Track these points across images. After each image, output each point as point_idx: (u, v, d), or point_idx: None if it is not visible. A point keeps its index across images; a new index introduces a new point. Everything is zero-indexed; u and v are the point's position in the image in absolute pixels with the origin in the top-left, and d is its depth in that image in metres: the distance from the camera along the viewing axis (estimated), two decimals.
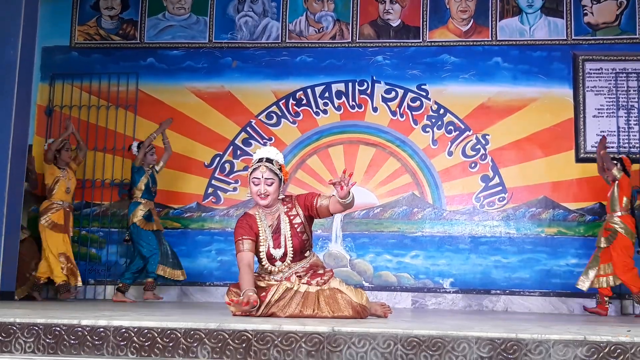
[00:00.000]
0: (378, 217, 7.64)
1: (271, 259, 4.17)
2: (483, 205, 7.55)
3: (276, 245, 4.17)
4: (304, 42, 8.05)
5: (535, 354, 2.79)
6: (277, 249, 4.16)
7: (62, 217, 6.96)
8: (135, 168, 7.16)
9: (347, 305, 3.94)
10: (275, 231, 4.20)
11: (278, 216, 4.22)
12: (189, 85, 8.00)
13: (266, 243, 4.17)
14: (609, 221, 6.75)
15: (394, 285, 7.48)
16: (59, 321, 3.02)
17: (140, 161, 7.12)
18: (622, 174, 6.77)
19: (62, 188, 7.00)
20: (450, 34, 7.91)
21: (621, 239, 6.64)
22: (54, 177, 7.01)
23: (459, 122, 7.73)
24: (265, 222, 4.21)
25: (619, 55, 7.62)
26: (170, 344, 2.93)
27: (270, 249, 4.16)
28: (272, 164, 4.18)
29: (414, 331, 2.86)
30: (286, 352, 2.87)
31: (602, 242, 6.72)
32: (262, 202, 4.18)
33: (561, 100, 7.59)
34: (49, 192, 6.99)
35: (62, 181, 7.01)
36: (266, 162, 4.18)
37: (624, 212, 6.71)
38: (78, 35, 8.22)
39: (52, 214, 6.92)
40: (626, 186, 6.77)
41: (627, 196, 6.73)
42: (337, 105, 7.88)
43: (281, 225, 4.20)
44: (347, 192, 3.93)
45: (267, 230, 4.18)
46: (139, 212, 7.05)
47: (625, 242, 6.65)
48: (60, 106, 7.94)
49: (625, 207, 6.71)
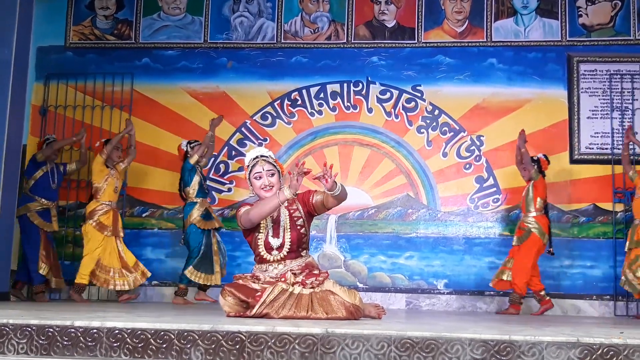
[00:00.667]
0: (372, 218, 7.64)
1: (268, 247, 4.24)
2: (477, 206, 7.56)
3: (275, 234, 4.25)
4: (299, 43, 8.04)
5: (528, 356, 2.79)
6: (275, 238, 4.24)
7: (110, 218, 6.87)
8: (190, 166, 6.95)
9: (340, 306, 3.94)
10: (275, 222, 4.28)
11: (279, 209, 4.28)
12: (184, 85, 8.00)
13: (265, 231, 4.25)
14: (524, 221, 6.81)
15: (388, 286, 7.49)
16: (52, 322, 3.02)
17: (197, 159, 7.02)
18: (540, 175, 6.83)
19: (111, 188, 6.92)
20: (445, 35, 7.92)
21: (533, 239, 6.71)
22: (104, 175, 6.90)
23: (453, 123, 7.73)
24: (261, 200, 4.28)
25: (614, 57, 7.64)
26: (163, 346, 2.93)
27: (269, 237, 4.24)
28: (267, 158, 4.32)
29: (407, 333, 2.86)
30: (280, 354, 2.87)
31: (515, 241, 6.80)
32: (268, 195, 4.25)
33: (556, 101, 7.61)
34: (97, 191, 6.89)
35: (111, 180, 6.93)
36: (262, 157, 4.31)
37: (539, 212, 6.76)
38: (73, 35, 8.20)
39: (100, 215, 6.82)
40: (541, 187, 6.82)
41: (541, 197, 6.79)
42: (332, 106, 7.88)
43: (281, 217, 4.28)
44: (332, 184, 3.99)
45: (268, 220, 4.26)
46: (196, 212, 6.90)
47: (536, 243, 6.71)
48: (55, 106, 7.92)
49: (539, 208, 6.77)
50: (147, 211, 7.72)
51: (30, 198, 6.88)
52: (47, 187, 6.97)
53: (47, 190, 6.97)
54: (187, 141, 7.18)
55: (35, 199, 6.88)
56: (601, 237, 7.33)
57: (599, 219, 7.37)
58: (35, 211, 6.86)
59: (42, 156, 6.96)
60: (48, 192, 6.97)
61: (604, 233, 7.33)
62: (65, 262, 7.57)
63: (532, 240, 6.70)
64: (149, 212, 7.72)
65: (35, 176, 6.92)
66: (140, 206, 7.76)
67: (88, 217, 6.85)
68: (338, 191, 4.05)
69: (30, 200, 6.87)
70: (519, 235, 6.80)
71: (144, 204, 7.72)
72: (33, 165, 6.97)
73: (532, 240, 6.68)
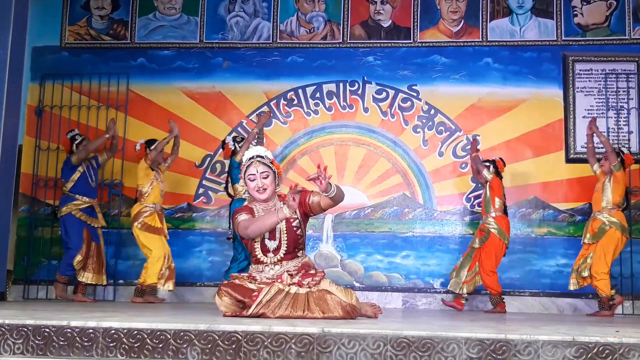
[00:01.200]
0: (369, 217, 7.65)
1: (265, 250, 4.25)
2: (473, 205, 7.57)
3: (271, 237, 4.26)
4: (295, 43, 8.04)
5: (524, 355, 2.80)
6: (271, 241, 4.25)
7: (156, 219, 6.88)
8: (237, 164, 6.89)
9: (336, 306, 3.94)
10: None
11: (275, 211, 4.26)
12: (179, 85, 7.99)
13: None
14: (484, 222, 6.86)
15: (385, 285, 7.50)
16: (48, 322, 3.02)
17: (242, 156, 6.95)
18: (493, 175, 6.88)
19: (156, 191, 6.90)
20: (441, 35, 7.93)
21: (493, 240, 6.77)
22: (149, 179, 6.88)
23: (449, 123, 7.75)
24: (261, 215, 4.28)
25: (609, 56, 7.65)
26: (159, 345, 2.93)
27: (265, 240, 4.25)
28: (263, 159, 4.33)
29: (403, 332, 2.87)
30: (276, 353, 2.88)
31: (476, 243, 6.84)
32: (261, 196, 4.29)
33: (551, 100, 7.62)
34: (142, 195, 6.87)
35: (156, 184, 6.91)
36: (257, 158, 4.31)
37: (499, 213, 6.82)
38: (68, 35, 8.19)
39: (145, 217, 6.82)
40: (497, 187, 6.87)
41: (499, 197, 6.84)
42: (328, 106, 7.89)
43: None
44: (327, 185, 4.00)
45: None
46: None
47: (497, 244, 6.77)
48: (51, 106, 7.90)
49: (499, 208, 6.83)
50: None
51: (71, 197, 6.92)
52: (87, 185, 7.00)
53: (87, 189, 7.00)
54: (232, 137, 7.16)
55: (77, 197, 6.92)
56: None
57: None
58: (79, 209, 6.90)
59: (77, 159, 6.96)
60: (88, 191, 7.00)
61: None
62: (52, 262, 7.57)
63: (492, 241, 6.77)
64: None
65: (73, 178, 6.94)
66: None
67: (133, 220, 6.86)
68: (333, 193, 4.06)
69: (72, 199, 6.92)
70: (479, 237, 6.84)
71: None
72: (69, 168, 6.99)
73: (492, 241, 6.75)
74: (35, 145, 7.81)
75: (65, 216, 6.90)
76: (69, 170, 6.99)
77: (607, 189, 6.57)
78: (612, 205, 6.54)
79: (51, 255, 7.62)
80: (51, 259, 7.61)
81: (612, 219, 6.50)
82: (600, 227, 6.52)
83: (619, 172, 6.57)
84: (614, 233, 6.49)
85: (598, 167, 6.73)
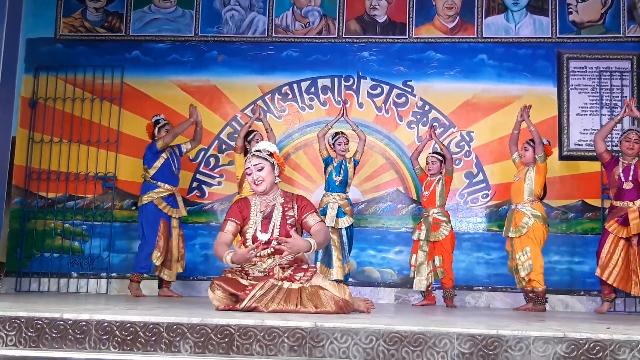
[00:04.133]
0: (362, 212, 7.66)
1: (256, 242, 4.26)
2: (467, 201, 7.59)
3: (264, 229, 4.30)
4: (290, 37, 8.04)
5: (515, 350, 2.81)
6: (263, 233, 4.29)
7: None
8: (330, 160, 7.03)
9: (329, 301, 3.95)
10: (267, 217, 4.34)
11: (274, 205, 4.37)
12: (174, 78, 7.98)
13: (255, 226, 4.31)
14: (436, 216, 6.86)
15: (378, 281, 7.51)
16: (41, 315, 3.02)
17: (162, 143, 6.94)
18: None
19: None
20: (436, 31, 7.94)
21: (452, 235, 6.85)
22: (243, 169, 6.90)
23: (443, 119, 7.76)
24: (258, 208, 4.36)
25: (603, 54, 7.68)
26: (152, 339, 2.93)
27: (257, 232, 4.29)
28: (259, 152, 4.40)
29: (395, 327, 2.88)
30: (269, 347, 2.88)
31: (433, 237, 6.80)
32: (259, 189, 4.35)
33: (545, 98, 7.64)
34: (240, 185, 6.87)
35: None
36: (253, 153, 4.41)
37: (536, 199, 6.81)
38: (63, 27, 8.17)
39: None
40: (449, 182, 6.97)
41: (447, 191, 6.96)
42: (322, 101, 7.89)
43: (274, 213, 4.35)
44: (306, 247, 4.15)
45: (259, 215, 4.33)
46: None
47: (453, 237, 6.86)
48: (45, 98, 7.88)
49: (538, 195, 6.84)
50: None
51: (153, 185, 6.83)
52: (170, 173, 6.91)
53: (170, 176, 6.91)
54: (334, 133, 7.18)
55: (159, 185, 6.82)
56: (589, 233, 7.37)
57: (588, 215, 7.41)
58: (161, 197, 6.81)
59: (163, 144, 6.83)
60: (170, 178, 6.91)
61: (592, 229, 7.37)
62: (55, 255, 7.58)
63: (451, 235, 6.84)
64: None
65: (156, 165, 6.84)
66: (131, 199, 7.73)
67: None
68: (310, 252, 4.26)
69: (154, 187, 6.82)
70: (434, 231, 6.82)
71: (134, 197, 7.69)
72: (152, 154, 6.88)
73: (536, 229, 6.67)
74: (29, 138, 7.79)
75: (145, 205, 6.79)
76: (152, 155, 6.87)
77: (529, 180, 6.54)
78: (534, 197, 6.53)
79: (44, 248, 7.61)
80: (44, 251, 7.60)
81: (535, 212, 6.48)
82: (525, 221, 6.47)
83: (543, 164, 6.57)
84: (540, 226, 6.48)
85: (517, 156, 6.74)
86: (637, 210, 6.19)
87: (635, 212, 6.19)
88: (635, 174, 6.28)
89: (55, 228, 7.69)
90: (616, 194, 6.40)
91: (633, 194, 6.27)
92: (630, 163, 6.35)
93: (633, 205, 6.23)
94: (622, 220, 6.24)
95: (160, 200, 6.78)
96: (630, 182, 6.28)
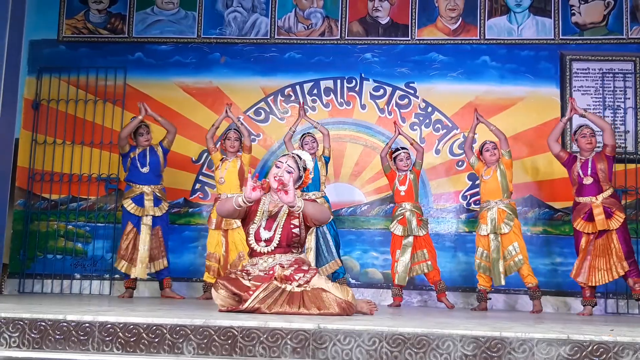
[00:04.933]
0: (365, 214, 7.65)
1: (257, 238, 4.34)
2: (470, 203, 7.58)
3: (267, 227, 4.35)
4: (292, 39, 8.04)
5: (519, 352, 2.81)
6: (266, 231, 4.34)
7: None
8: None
9: (332, 303, 3.95)
10: (272, 217, 4.39)
11: (281, 207, 4.40)
12: (177, 80, 7.98)
13: (259, 222, 4.36)
14: (417, 211, 6.91)
15: (381, 282, 7.50)
16: (45, 316, 3.02)
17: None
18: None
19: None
20: (439, 32, 7.93)
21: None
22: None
23: (446, 120, 7.75)
24: (266, 207, 4.42)
25: (606, 56, 7.66)
26: (155, 340, 2.94)
27: (260, 229, 4.34)
28: (299, 159, 4.50)
29: (399, 329, 2.88)
30: (272, 349, 2.88)
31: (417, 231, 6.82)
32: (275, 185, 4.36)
33: (548, 99, 7.63)
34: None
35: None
36: (292, 154, 4.52)
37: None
38: (66, 28, 8.17)
39: None
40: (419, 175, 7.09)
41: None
42: (325, 102, 7.89)
43: (279, 213, 4.39)
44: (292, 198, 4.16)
45: (265, 213, 4.39)
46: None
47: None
48: (48, 100, 7.89)
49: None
50: None
51: (128, 186, 6.93)
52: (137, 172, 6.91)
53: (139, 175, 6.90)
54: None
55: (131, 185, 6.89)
56: None
57: None
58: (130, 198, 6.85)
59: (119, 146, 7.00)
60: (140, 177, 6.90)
61: None
62: (58, 256, 7.58)
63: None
64: None
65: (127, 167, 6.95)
66: None
67: None
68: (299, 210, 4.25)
69: (128, 188, 6.93)
70: (419, 226, 6.85)
71: None
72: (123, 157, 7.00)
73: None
74: (32, 139, 7.79)
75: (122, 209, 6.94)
76: (123, 159, 7.00)
77: (501, 177, 6.62)
78: (509, 194, 6.65)
79: (47, 249, 7.61)
80: (47, 253, 7.61)
81: (513, 208, 6.64)
82: (509, 217, 6.55)
83: (509, 160, 6.67)
84: (518, 222, 6.62)
85: (475, 159, 6.84)
86: (601, 206, 6.18)
87: (599, 207, 6.16)
88: (594, 168, 6.27)
89: (58, 229, 7.69)
90: (577, 190, 6.37)
91: (593, 189, 6.26)
92: (587, 158, 6.35)
93: (596, 200, 6.22)
94: (587, 216, 6.22)
95: (129, 202, 6.85)
96: (590, 176, 6.27)
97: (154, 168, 6.96)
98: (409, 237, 6.80)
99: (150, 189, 6.91)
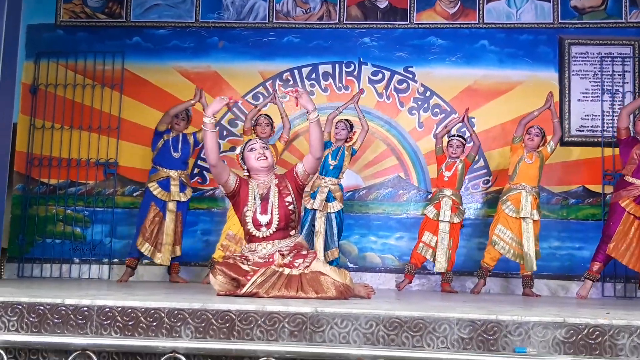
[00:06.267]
0: (363, 198, 7.66)
1: (257, 224, 4.35)
2: (467, 187, 7.58)
3: (263, 211, 4.37)
4: (291, 23, 8.02)
5: (515, 336, 2.83)
6: (263, 215, 4.36)
7: None
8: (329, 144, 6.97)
9: (330, 286, 3.97)
10: (264, 199, 4.40)
11: (269, 187, 4.44)
12: (175, 64, 7.96)
13: (254, 208, 4.37)
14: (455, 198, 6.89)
15: (379, 266, 7.53)
16: (43, 300, 3.04)
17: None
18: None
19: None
20: (438, 16, 7.91)
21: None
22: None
23: (445, 105, 7.75)
24: (255, 190, 4.44)
25: (605, 40, 7.65)
26: (153, 324, 2.95)
27: (257, 214, 4.36)
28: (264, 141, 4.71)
29: (395, 312, 2.89)
30: (269, 332, 2.90)
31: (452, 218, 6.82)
32: (263, 164, 4.46)
33: (547, 83, 7.61)
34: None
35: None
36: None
37: None
38: (63, 13, 8.14)
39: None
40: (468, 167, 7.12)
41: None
42: (324, 87, 7.88)
43: (270, 194, 4.42)
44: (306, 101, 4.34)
45: (257, 197, 4.41)
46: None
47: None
48: (45, 85, 7.88)
49: None
50: (139, 190, 7.68)
51: (154, 169, 6.94)
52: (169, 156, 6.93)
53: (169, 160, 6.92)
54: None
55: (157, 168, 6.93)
56: (590, 219, 7.38)
57: (588, 200, 7.41)
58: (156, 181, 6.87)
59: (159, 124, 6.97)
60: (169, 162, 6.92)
61: (592, 215, 7.38)
62: (57, 241, 7.60)
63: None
64: (140, 192, 7.69)
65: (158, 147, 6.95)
66: (132, 185, 7.75)
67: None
68: (317, 114, 4.37)
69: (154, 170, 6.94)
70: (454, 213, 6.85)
71: (136, 183, 7.72)
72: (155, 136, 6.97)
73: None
74: (30, 124, 7.79)
75: (145, 190, 6.95)
76: (154, 138, 6.98)
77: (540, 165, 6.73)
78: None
79: (46, 234, 7.63)
80: (46, 237, 7.62)
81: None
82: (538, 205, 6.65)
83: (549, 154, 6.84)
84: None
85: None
86: None
87: None
88: None
89: (57, 214, 7.70)
90: (635, 171, 6.29)
91: None
92: None
93: None
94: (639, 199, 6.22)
95: (155, 185, 6.84)
96: None
97: (184, 155, 7.01)
98: (446, 224, 6.80)
99: (177, 174, 6.93)
